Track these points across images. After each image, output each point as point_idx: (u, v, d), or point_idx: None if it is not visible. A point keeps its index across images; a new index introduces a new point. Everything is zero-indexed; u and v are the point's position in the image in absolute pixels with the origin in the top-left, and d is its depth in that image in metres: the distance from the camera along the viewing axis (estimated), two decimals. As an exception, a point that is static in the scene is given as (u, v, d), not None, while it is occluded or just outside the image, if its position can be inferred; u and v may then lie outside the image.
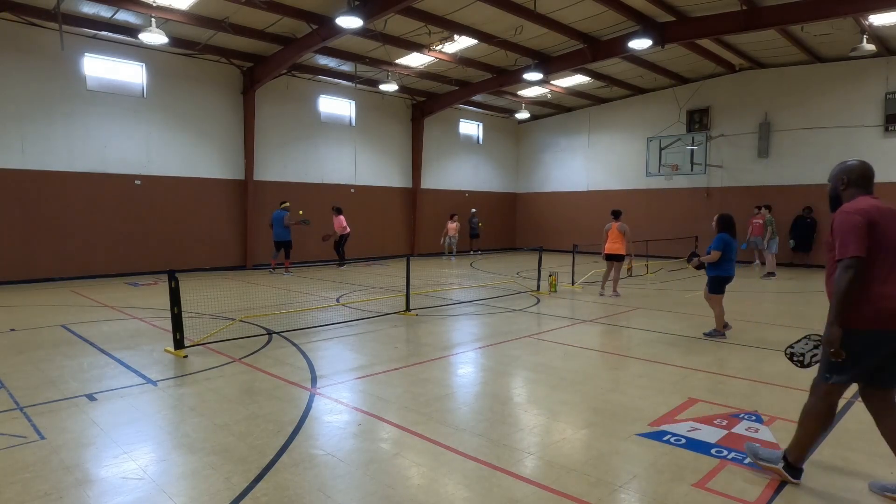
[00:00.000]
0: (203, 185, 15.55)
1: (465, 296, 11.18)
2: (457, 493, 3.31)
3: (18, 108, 12.61)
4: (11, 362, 6.10)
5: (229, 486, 3.33)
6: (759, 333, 7.75)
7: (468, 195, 23.15)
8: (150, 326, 8.08)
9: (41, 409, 4.65)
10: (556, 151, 23.84)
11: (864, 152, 16.28)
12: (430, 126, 21.17)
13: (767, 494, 3.27)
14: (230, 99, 16.01)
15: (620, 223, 11.16)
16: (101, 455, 3.79)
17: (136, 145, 14.39)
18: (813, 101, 17.07)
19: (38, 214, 12.99)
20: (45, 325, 8.11)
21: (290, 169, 17.52)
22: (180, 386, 5.33)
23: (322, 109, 18.22)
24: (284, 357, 6.35)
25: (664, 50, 15.04)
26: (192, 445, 3.94)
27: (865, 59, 15.52)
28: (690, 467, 3.62)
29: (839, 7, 11.89)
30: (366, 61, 15.99)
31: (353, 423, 4.40)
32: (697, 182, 19.50)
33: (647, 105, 20.70)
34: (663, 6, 12.95)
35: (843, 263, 3.08)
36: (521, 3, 12.60)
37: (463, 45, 15.34)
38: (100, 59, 13.80)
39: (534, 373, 5.86)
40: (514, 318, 8.82)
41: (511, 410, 4.80)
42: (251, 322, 8.12)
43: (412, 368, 5.96)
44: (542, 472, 3.58)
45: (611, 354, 6.81)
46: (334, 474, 3.53)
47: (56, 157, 13.18)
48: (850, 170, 3.40)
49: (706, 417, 4.49)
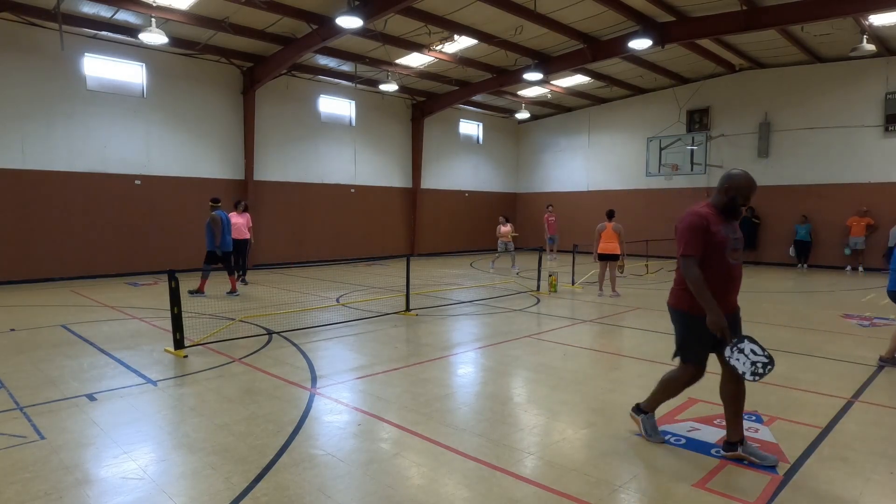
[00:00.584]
0: (203, 185, 15.54)
1: (465, 296, 11.19)
2: (457, 493, 3.31)
3: (18, 108, 12.61)
4: (11, 362, 6.10)
5: (229, 486, 3.33)
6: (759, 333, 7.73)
7: (468, 195, 23.16)
8: (150, 326, 8.08)
9: (41, 409, 4.65)
10: (556, 151, 23.84)
11: (864, 152, 16.32)
12: (430, 126, 21.17)
13: (767, 494, 3.27)
14: (230, 99, 16.02)
15: (615, 223, 11.20)
16: (101, 455, 3.79)
17: (136, 145, 14.39)
18: (813, 101, 17.07)
19: (38, 214, 12.99)
20: (45, 325, 8.11)
21: (290, 169, 17.52)
22: (180, 386, 5.33)
23: (322, 109, 18.22)
24: (284, 357, 6.35)
25: (664, 50, 15.04)
26: (192, 445, 3.94)
27: (865, 59, 15.52)
28: (690, 467, 3.62)
29: (839, 7, 11.89)
30: (366, 61, 16.00)
31: (353, 423, 4.40)
32: (697, 182, 19.49)
33: (647, 105, 20.70)
34: (663, 6, 12.95)
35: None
36: (521, 3, 12.60)
37: (463, 45, 15.34)
38: (100, 59, 13.80)
39: (534, 373, 5.86)
40: (514, 318, 8.82)
41: (511, 410, 4.80)
42: (251, 322, 8.12)
43: (412, 368, 5.96)
44: (542, 472, 3.58)
45: (611, 354, 6.81)
46: (334, 474, 3.53)
47: (56, 157, 13.18)
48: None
49: (706, 417, 4.49)
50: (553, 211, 19.49)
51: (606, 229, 11.16)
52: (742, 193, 3.61)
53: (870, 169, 16.20)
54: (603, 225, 11.24)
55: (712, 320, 3.50)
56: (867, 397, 5.02)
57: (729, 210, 3.66)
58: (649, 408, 4.07)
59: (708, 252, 3.56)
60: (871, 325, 8.42)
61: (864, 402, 4.92)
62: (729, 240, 3.60)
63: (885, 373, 5.81)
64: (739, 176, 3.63)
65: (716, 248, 3.56)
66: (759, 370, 3.44)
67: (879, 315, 9.03)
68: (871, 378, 5.62)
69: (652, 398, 4.06)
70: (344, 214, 18.85)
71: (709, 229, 3.55)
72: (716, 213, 3.65)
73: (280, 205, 17.17)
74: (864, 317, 8.93)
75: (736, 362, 3.49)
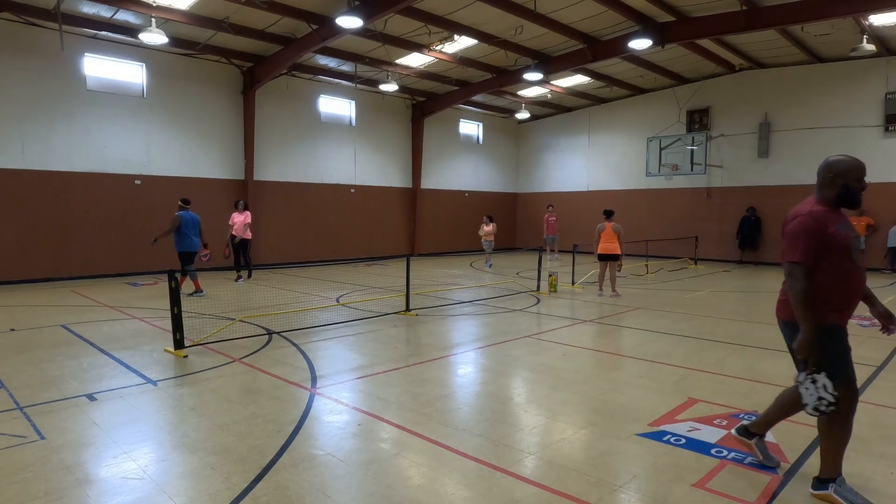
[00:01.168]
0: (203, 185, 15.55)
1: (465, 296, 11.18)
2: (457, 493, 3.31)
3: (18, 108, 12.61)
4: (11, 362, 6.10)
5: (229, 486, 3.33)
6: (760, 333, 7.75)
7: (468, 195, 23.15)
8: (150, 326, 8.08)
9: (41, 409, 4.65)
10: (556, 151, 23.84)
11: (864, 152, 16.29)
12: (430, 126, 21.16)
13: (767, 494, 3.27)
14: (230, 99, 16.02)
15: (614, 223, 11.22)
16: (101, 455, 3.79)
17: (136, 145, 14.39)
18: (813, 101, 17.07)
19: (38, 214, 12.99)
20: (45, 325, 8.11)
21: (290, 169, 17.52)
22: (180, 386, 5.33)
23: (322, 109, 18.22)
24: (284, 357, 6.35)
25: (664, 50, 15.04)
26: (192, 445, 3.94)
27: (865, 59, 15.52)
28: (690, 467, 3.62)
29: (839, 7, 11.88)
30: (366, 61, 16.00)
31: (353, 423, 4.40)
32: (697, 182, 19.50)
33: (647, 105, 20.70)
34: (663, 6, 12.95)
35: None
36: (521, 3, 12.60)
37: (463, 45, 15.34)
38: (100, 59, 13.80)
39: (534, 373, 5.86)
40: (514, 319, 8.82)
41: (511, 410, 4.80)
42: (251, 322, 8.12)
43: (412, 368, 5.96)
44: (542, 472, 3.58)
45: (611, 354, 6.81)
46: (334, 474, 3.53)
47: (56, 157, 13.18)
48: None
49: (706, 417, 4.49)
50: (554, 211, 19.50)
51: (606, 229, 11.19)
52: (853, 176, 3.15)
53: (870, 169, 16.10)
54: (602, 225, 11.26)
55: (806, 339, 3.04)
56: (867, 397, 5.02)
57: (844, 200, 3.17)
58: (832, 470, 3.24)
59: (830, 257, 3.07)
60: (872, 325, 8.42)
61: (864, 401, 4.91)
62: (852, 239, 3.12)
63: (885, 373, 5.81)
64: (840, 160, 3.20)
65: (839, 250, 3.07)
66: (822, 407, 3.08)
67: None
68: (871, 378, 5.62)
69: (826, 455, 3.25)
70: (344, 214, 18.85)
71: (826, 231, 3.07)
72: (830, 210, 3.17)
73: (280, 205, 17.17)
74: (864, 317, 8.93)
75: (804, 391, 3.13)
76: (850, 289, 3.16)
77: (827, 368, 3.06)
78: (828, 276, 3.09)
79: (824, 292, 3.09)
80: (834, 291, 3.11)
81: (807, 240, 3.07)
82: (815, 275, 3.09)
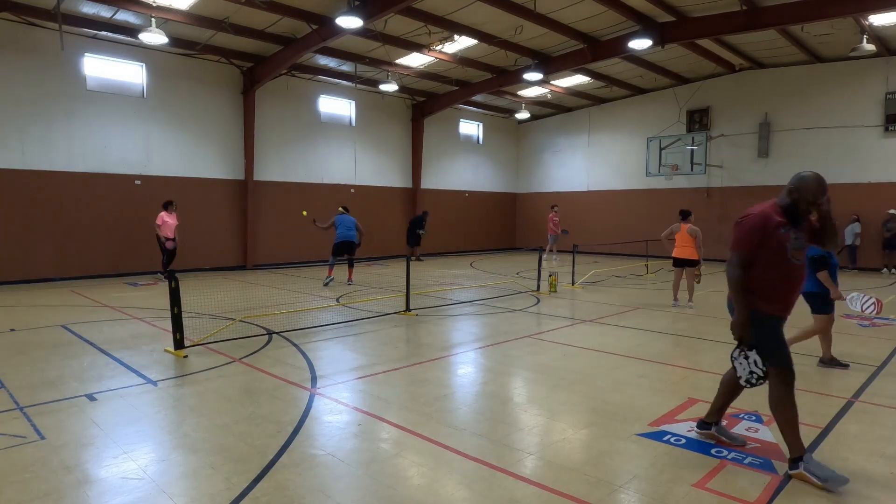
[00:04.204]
0: (203, 185, 15.55)
1: (465, 296, 11.18)
2: (457, 493, 3.31)
3: (18, 108, 12.61)
4: (11, 362, 6.10)
5: (229, 486, 3.33)
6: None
7: (468, 195, 23.15)
8: (150, 326, 8.08)
9: (41, 409, 4.65)
10: (556, 151, 23.84)
11: (864, 152, 16.31)
12: (430, 126, 21.16)
13: (767, 494, 3.27)
14: (230, 99, 16.02)
15: (691, 225, 9.98)
16: (101, 455, 3.79)
17: (136, 145, 14.38)
18: (813, 101, 17.07)
19: (38, 214, 12.98)
20: (45, 325, 8.11)
21: (290, 169, 17.52)
22: (180, 386, 5.33)
23: (322, 109, 18.22)
24: (284, 357, 6.35)
25: (664, 50, 15.04)
26: (192, 445, 3.94)
27: (865, 59, 15.53)
28: (690, 467, 3.62)
29: (839, 7, 11.88)
30: (366, 61, 15.99)
31: (353, 423, 4.40)
32: (697, 182, 19.50)
33: (647, 105, 20.70)
34: (663, 6, 12.95)
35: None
36: (521, 3, 12.60)
37: (463, 45, 15.34)
38: (100, 59, 13.80)
39: (534, 373, 5.86)
40: (514, 319, 8.82)
41: (511, 410, 4.80)
42: (251, 322, 8.12)
43: (412, 368, 5.96)
44: (543, 472, 3.58)
45: (611, 354, 6.81)
46: (334, 474, 3.53)
47: (56, 157, 13.18)
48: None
49: (706, 417, 4.48)
50: (558, 211, 19.56)
51: (681, 231, 9.98)
52: (805, 197, 3.42)
53: (869, 169, 16.20)
54: (677, 226, 10.10)
55: (738, 321, 3.53)
56: (867, 397, 5.02)
57: (790, 213, 3.48)
58: (796, 449, 3.48)
59: (766, 253, 3.42)
60: (871, 325, 8.43)
61: (864, 402, 4.92)
62: (790, 238, 3.43)
63: (885, 373, 5.81)
64: (806, 178, 3.46)
65: (776, 248, 3.42)
66: (753, 381, 3.56)
67: (880, 315, 9.02)
68: (871, 378, 5.62)
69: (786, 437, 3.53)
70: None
71: (767, 230, 3.42)
72: (780, 212, 3.49)
73: (280, 205, 17.17)
74: (863, 317, 8.93)
75: (738, 365, 3.61)
76: (781, 284, 3.50)
77: (757, 347, 3.52)
78: (762, 269, 3.47)
79: (757, 282, 3.49)
80: (765, 283, 3.48)
81: (750, 235, 3.46)
82: (753, 267, 3.48)
